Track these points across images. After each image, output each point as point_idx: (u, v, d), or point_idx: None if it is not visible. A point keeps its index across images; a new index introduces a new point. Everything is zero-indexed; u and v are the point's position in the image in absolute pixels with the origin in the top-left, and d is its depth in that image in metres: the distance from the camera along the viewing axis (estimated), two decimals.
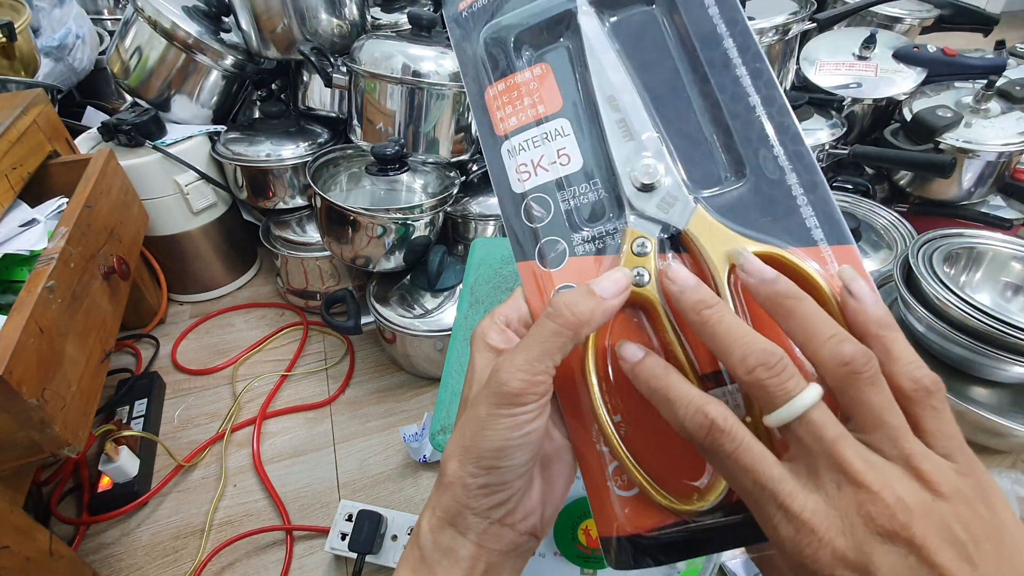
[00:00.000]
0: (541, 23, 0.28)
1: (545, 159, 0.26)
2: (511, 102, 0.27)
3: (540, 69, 0.27)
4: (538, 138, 0.27)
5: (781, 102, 0.24)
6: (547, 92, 0.27)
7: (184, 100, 0.96)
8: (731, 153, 0.25)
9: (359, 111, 0.88)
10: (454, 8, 0.30)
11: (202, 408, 0.87)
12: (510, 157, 0.27)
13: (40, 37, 1.05)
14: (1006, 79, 0.93)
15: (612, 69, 0.26)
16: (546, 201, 0.26)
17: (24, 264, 0.69)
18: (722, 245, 0.23)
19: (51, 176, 0.80)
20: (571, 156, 0.26)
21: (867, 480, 0.18)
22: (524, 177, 0.27)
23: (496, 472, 0.22)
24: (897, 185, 1.02)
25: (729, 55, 0.25)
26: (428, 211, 0.81)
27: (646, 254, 0.24)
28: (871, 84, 0.99)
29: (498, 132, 0.27)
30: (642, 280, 0.24)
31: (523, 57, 0.28)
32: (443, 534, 0.23)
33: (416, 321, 0.82)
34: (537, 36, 0.28)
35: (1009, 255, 0.68)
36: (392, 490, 0.75)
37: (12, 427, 0.51)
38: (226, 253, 1.05)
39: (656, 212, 0.25)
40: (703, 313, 0.22)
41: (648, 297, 0.24)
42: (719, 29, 0.25)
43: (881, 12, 1.13)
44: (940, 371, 0.64)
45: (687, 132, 0.25)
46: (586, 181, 0.26)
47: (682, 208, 0.24)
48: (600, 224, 0.26)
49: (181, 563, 0.68)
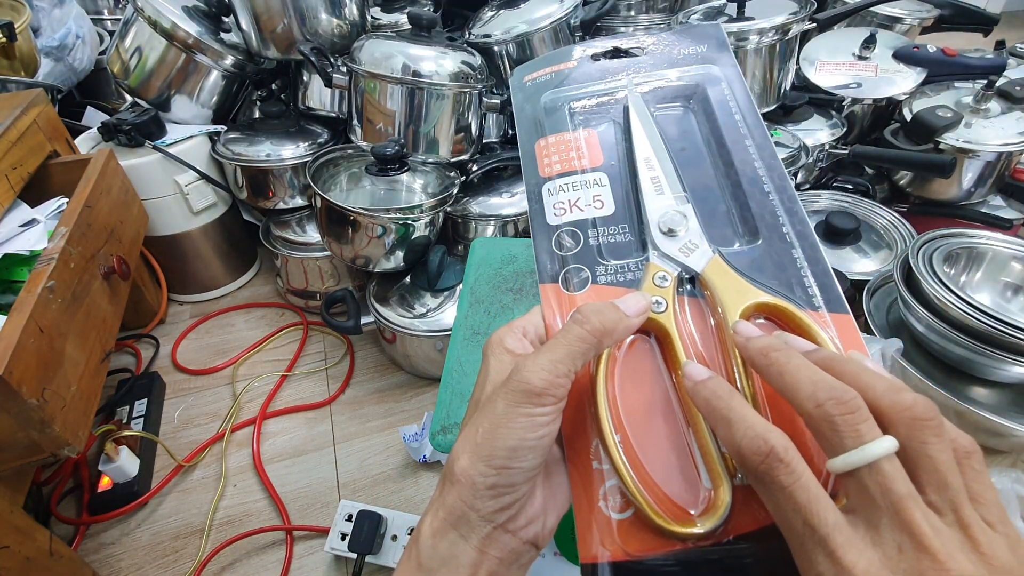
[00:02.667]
0: (596, 99, 0.34)
1: (581, 201, 0.30)
2: (558, 152, 0.32)
3: (588, 133, 0.32)
4: (578, 183, 0.31)
5: (791, 192, 0.29)
6: (591, 151, 0.32)
7: (184, 100, 0.96)
8: (746, 223, 0.29)
9: (359, 111, 0.88)
10: (520, 78, 0.36)
11: (202, 408, 0.87)
12: (549, 195, 0.31)
13: (40, 37, 1.05)
14: (1006, 79, 0.93)
15: (651, 137, 0.31)
16: (577, 235, 0.29)
17: (24, 264, 0.69)
18: (736, 290, 0.26)
19: (51, 176, 0.80)
20: (605, 203, 0.30)
21: (934, 547, 0.17)
22: (560, 212, 0.30)
23: (507, 473, 0.22)
24: (897, 185, 1.02)
25: (749, 151, 0.30)
26: (428, 211, 0.81)
27: (666, 286, 0.27)
28: (871, 84, 0.99)
29: (542, 174, 0.31)
30: (659, 308, 0.26)
31: (575, 122, 0.33)
32: (444, 539, 0.23)
33: (416, 321, 0.82)
34: (591, 108, 0.34)
35: (1009, 255, 0.68)
36: (392, 490, 0.75)
37: (12, 427, 0.51)
38: (226, 253, 1.05)
39: (677, 254, 0.28)
40: (771, 355, 0.22)
41: (663, 325, 0.26)
42: (742, 130, 0.31)
43: (881, 12, 1.13)
44: (940, 371, 0.65)
45: (709, 199, 0.30)
46: (615, 224, 0.29)
47: (701, 254, 0.27)
48: (624, 260, 0.29)
49: (181, 563, 0.68)
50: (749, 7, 0.98)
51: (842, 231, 0.87)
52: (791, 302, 0.26)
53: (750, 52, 0.95)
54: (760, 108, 1.01)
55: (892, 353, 0.60)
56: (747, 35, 0.93)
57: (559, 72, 0.35)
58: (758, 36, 0.93)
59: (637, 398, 0.25)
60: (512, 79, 0.36)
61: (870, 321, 0.72)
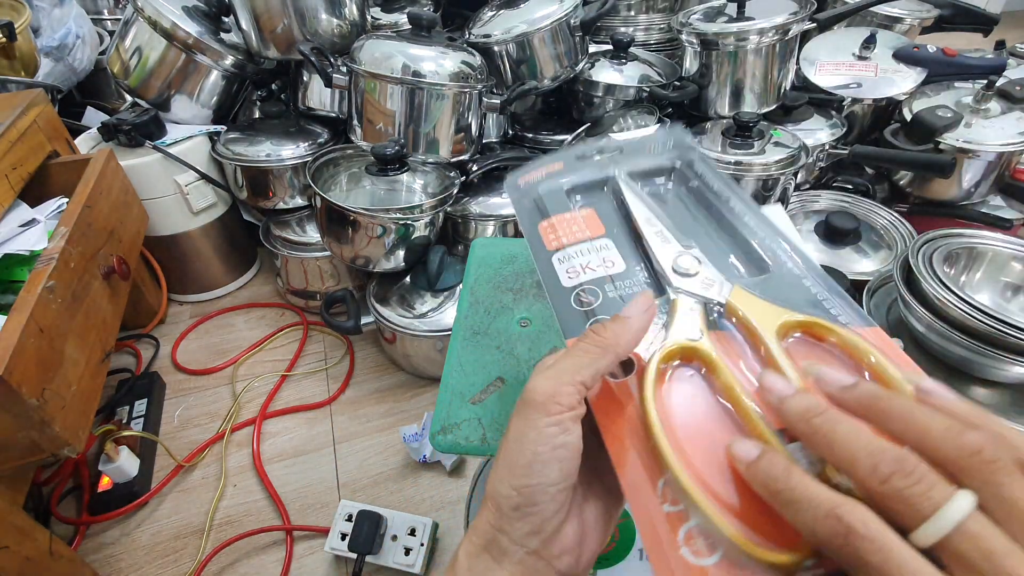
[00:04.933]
0: (588, 182, 0.36)
1: (592, 263, 0.31)
2: (561, 228, 0.34)
3: (587, 211, 0.34)
4: (584, 250, 0.32)
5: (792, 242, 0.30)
6: (591, 224, 0.34)
7: (184, 100, 0.96)
8: (751, 259, 0.30)
9: (359, 111, 0.88)
10: (514, 180, 0.38)
11: (202, 408, 0.87)
12: (560, 263, 0.32)
13: (40, 37, 1.05)
14: (1006, 79, 0.93)
15: (646, 204, 0.33)
16: (596, 291, 0.30)
17: (24, 264, 0.69)
18: (766, 313, 0.26)
19: (51, 176, 0.80)
20: (615, 262, 0.31)
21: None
22: (574, 275, 0.31)
23: (527, 491, 0.22)
24: (897, 185, 1.02)
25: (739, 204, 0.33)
26: (428, 211, 0.81)
27: (696, 318, 0.27)
28: (871, 84, 0.99)
29: (549, 248, 0.33)
30: (695, 336, 0.26)
31: (572, 202, 0.35)
32: (479, 562, 0.23)
33: (416, 321, 0.82)
34: (584, 190, 0.36)
35: (1009, 255, 0.68)
36: (392, 490, 0.75)
37: (12, 427, 0.51)
38: (226, 253, 1.05)
39: (699, 289, 0.28)
40: (813, 422, 0.20)
41: (702, 350, 0.25)
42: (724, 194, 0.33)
43: (881, 12, 1.12)
44: (940, 371, 0.65)
45: (711, 248, 0.31)
46: (630, 278, 0.30)
47: (720, 286, 0.28)
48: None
49: (181, 563, 0.68)
50: (749, 7, 0.98)
51: (842, 231, 0.87)
52: (825, 317, 0.25)
53: (750, 52, 0.95)
54: (760, 108, 1.01)
55: None
56: (747, 35, 0.93)
57: (549, 172, 0.37)
58: (758, 36, 0.93)
59: (694, 430, 0.24)
60: (506, 183, 0.38)
61: None
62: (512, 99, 0.90)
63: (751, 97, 1.00)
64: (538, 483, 0.22)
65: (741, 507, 0.21)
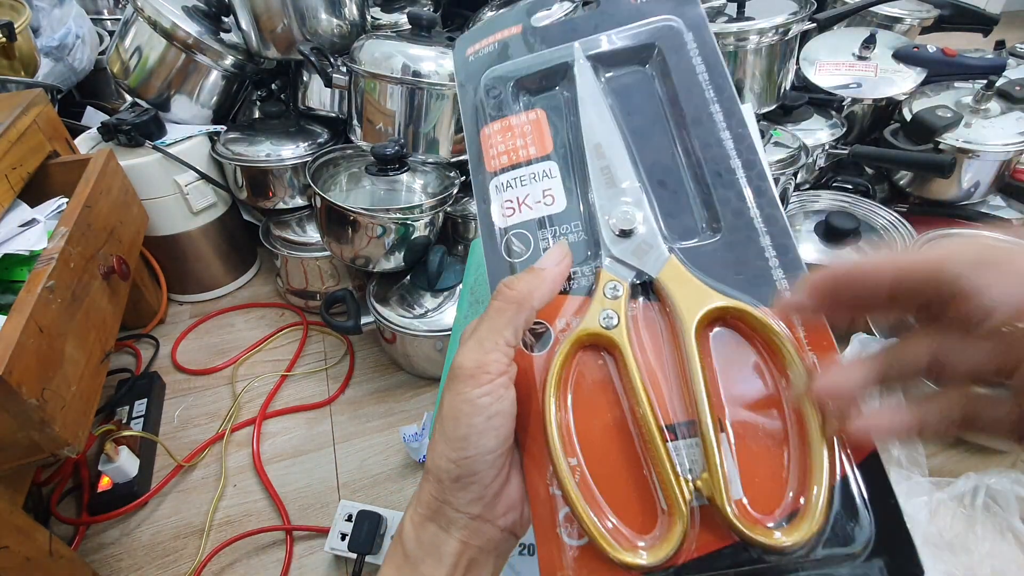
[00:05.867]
0: (541, 71, 0.29)
1: (531, 198, 0.27)
2: (504, 142, 0.28)
3: (535, 114, 0.29)
4: (526, 177, 0.28)
5: (760, 168, 0.25)
6: (539, 136, 0.28)
7: (184, 100, 0.96)
8: (709, 209, 0.26)
9: (359, 111, 0.88)
10: (462, 53, 0.31)
11: (202, 408, 0.87)
12: (497, 193, 0.28)
13: (40, 37, 1.05)
14: (1006, 79, 0.93)
15: (601, 119, 0.27)
16: (526, 238, 0.27)
17: (24, 264, 0.68)
18: (692, 296, 0.24)
19: (51, 176, 0.80)
20: (555, 197, 0.27)
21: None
22: (508, 213, 0.27)
23: (466, 463, 0.22)
24: (897, 185, 1.01)
25: (715, 119, 0.26)
26: (428, 211, 0.81)
27: (618, 297, 0.25)
28: (871, 84, 0.99)
29: (488, 168, 0.28)
30: (611, 323, 0.24)
31: (520, 102, 0.29)
32: (425, 530, 0.23)
33: (416, 321, 0.82)
34: (536, 83, 0.29)
35: None
36: (392, 490, 0.75)
37: (12, 427, 0.51)
38: (226, 253, 1.05)
39: (630, 258, 0.25)
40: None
41: (615, 340, 0.24)
42: (707, 94, 0.27)
43: (881, 12, 1.12)
44: None
45: (668, 184, 0.26)
46: (567, 223, 0.27)
47: (656, 256, 0.25)
48: (576, 267, 0.26)
49: (181, 563, 0.68)
50: (749, 7, 0.98)
51: (842, 231, 0.87)
52: (751, 303, 0.24)
53: (750, 52, 0.95)
54: (760, 108, 1.01)
55: None
56: (747, 35, 0.93)
57: (503, 40, 0.30)
58: (758, 36, 0.93)
59: (591, 419, 0.24)
60: (455, 52, 0.32)
61: (871, 321, 0.72)
62: None
63: (751, 97, 1.00)
64: (476, 453, 0.22)
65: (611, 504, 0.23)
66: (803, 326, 0.23)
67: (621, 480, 0.23)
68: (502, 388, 0.23)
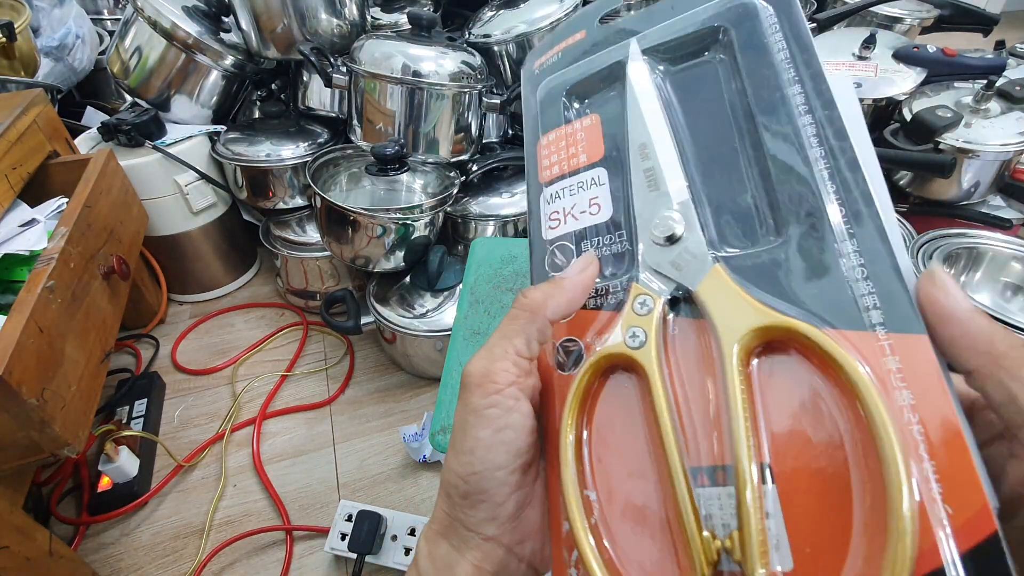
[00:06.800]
0: (597, 74, 0.27)
1: (576, 208, 0.25)
2: (556, 152, 0.27)
3: (590, 120, 0.27)
4: (574, 187, 0.26)
5: (851, 155, 0.20)
6: (592, 142, 0.26)
7: (184, 100, 0.96)
8: (774, 211, 0.21)
9: (359, 111, 0.88)
10: (531, 65, 0.30)
11: (202, 408, 0.87)
12: (546, 204, 0.26)
13: (40, 37, 1.05)
14: (1006, 79, 0.93)
15: (650, 117, 0.24)
16: (569, 250, 0.25)
17: (24, 264, 0.68)
18: (736, 313, 0.20)
19: (51, 176, 0.80)
20: (601, 206, 0.25)
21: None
22: (554, 224, 0.26)
23: (474, 478, 0.21)
24: (897, 185, 1.01)
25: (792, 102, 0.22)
26: (428, 211, 0.81)
27: (647, 314, 0.22)
28: (871, 84, 0.99)
29: (541, 180, 0.27)
30: (637, 342, 0.21)
31: (574, 108, 0.28)
32: (438, 547, 0.23)
33: (416, 321, 0.82)
34: (592, 87, 0.27)
35: (1009, 255, 0.68)
36: (392, 490, 0.75)
37: (12, 427, 0.51)
38: (226, 253, 1.05)
39: (668, 268, 0.22)
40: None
41: (639, 362, 0.21)
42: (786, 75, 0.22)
43: (881, 12, 1.13)
44: None
45: (725, 186, 0.23)
46: (611, 232, 0.24)
47: (698, 266, 0.21)
48: (612, 280, 0.23)
49: (181, 563, 0.68)
50: None
51: None
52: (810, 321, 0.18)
53: None
54: None
55: None
56: None
57: (567, 49, 0.29)
58: None
59: (614, 450, 0.21)
60: (524, 67, 0.30)
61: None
62: (512, 99, 0.90)
63: None
64: (483, 469, 0.21)
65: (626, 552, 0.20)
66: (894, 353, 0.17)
67: (641, 525, 0.20)
68: (511, 399, 0.21)
